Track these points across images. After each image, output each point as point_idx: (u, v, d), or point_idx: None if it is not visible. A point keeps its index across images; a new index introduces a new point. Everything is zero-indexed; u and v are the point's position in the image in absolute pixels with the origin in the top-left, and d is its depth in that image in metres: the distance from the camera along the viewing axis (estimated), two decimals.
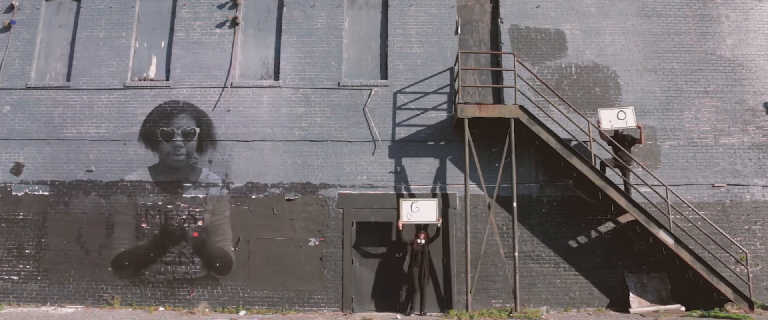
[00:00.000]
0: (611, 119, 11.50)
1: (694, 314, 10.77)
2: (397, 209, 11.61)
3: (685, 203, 11.50)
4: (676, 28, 12.82)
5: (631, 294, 11.33)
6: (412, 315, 11.08)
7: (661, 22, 12.85)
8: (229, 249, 11.79)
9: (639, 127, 11.60)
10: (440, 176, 12.04)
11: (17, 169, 12.33)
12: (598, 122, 11.60)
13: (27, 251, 11.91)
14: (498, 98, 12.55)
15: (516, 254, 10.96)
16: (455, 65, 12.35)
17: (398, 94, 12.42)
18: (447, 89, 12.42)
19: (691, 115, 12.42)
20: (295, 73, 12.56)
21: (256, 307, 11.51)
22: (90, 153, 12.31)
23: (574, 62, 12.62)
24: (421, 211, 11.22)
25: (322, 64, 12.57)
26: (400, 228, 11.26)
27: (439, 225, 11.37)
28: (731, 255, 11.46)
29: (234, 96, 12.49)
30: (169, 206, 12.03)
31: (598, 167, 11.37)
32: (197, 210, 11.99)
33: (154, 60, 12.85)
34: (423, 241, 11.09)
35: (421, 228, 11.29)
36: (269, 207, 11.95)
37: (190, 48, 12.74)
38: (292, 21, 12.80)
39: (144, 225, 11.95)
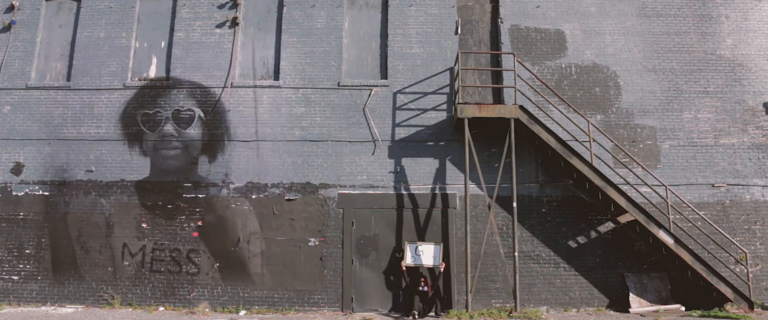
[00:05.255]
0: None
1: (694, 314, 10.78)
2: (402, 250, 11.56)
3: (685, 203, 11.51)
4: (676, 28, 12.83)
5: (631, 294, 11.33)
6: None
7: (661, 22, 12.86)
8: (229, 249, 11.79)
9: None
10: (440, 176, 12.04)
11: (17, 169, 12.34)
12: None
13: (27, 251, 11.92)
14: (498, 98, 12.55)
15: (516, 254, 10.96)
16: (455, 65, 12.36)
17: (398, 94, 12.43)
18: (447, 89, 12.42)
19: (691, 115, 12.43)
20: (295, 73, 12.56)
21: (256, 307, 11.51)
22: (90, 153, 12.32)
23: (574, 62, 12.62)
24: (424, 254, 11.15)
25: (322, 64, 12.57)
26: (403, 269, 11.17)
27: (441, 270, 11.25)
28: (731, 255, 11.47)
29: (234, 96, 12.49)
30: (169, 206, 12.03)
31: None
32: (197, 210, 11.99)
33: (154, 60, 12.85)
34: (425, 288, 10.95)
35: (421, 275, 11.12)
36: (269, 207, 11.95)
37: (190, 48, 12.74)
38: (292, 21, 12.80)
39: (144, 225, 11.95)
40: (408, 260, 11.22)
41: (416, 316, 10.68)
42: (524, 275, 11.54)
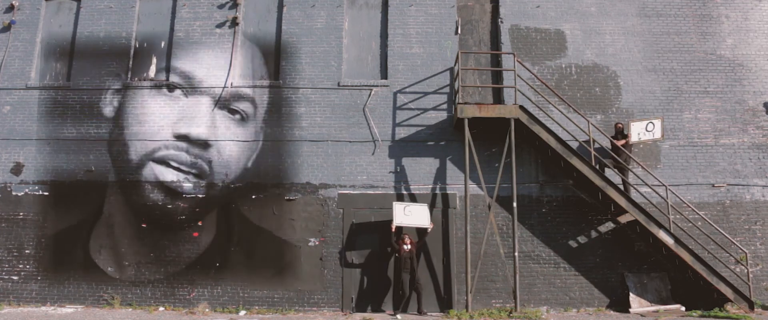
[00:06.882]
0: (640, 132, 11.68)
1: (694, 314, 10.78)
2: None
3: (685, 203, 11.50)
4: (676, 28, 12.83)
5: (631, 294, 11.33)
6: (410, 314, 11.09)
7: (661, 22, 12.86)
8: (229, 249, 11.79)
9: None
10: (440, 176, 12.04)
11: (17, 169, 12.33)
12: (628, 135, 11.73)
13: (27, 251, 11.91)
14: (498, 98, 12.55)
15: (516, 254, 10.96)
16: (455, 65, 12.35)
17: (398, 94, 12.43)
18: (447, 89, 12.42)
19: (691, 115, 12.42)
20: (294, 73, 12.56)
21: (256, 307, 11.51)
22: (90, 153, 12.32)
23: (574, 62, 12.62)
24: (414, 215, 11.18)
25: (322, 64, 12.57)
26: (393, 230, 11.22)
27: (429, 230, 11.31)
28: (731, 255, 11.46)
29: (234, 96, 12.48)
30: (169, 206, 12.02)
31: (597, 167, 11.39)
32: (197, 210, 11.99)
33: (154, 60, 12.84)
34: (409, 246, 11.01)
35: (403, 233, 11.19)
36: (269, 207, 11.95)
37: (190, 48, 12.74)
38: (292, 21, 12.80)
39: (144, 226, 11.95)
40: (397, 220, 11.10)
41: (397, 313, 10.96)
42: (524, 275, 11.54)
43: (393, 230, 11.20)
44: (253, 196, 12.01)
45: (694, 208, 11.50)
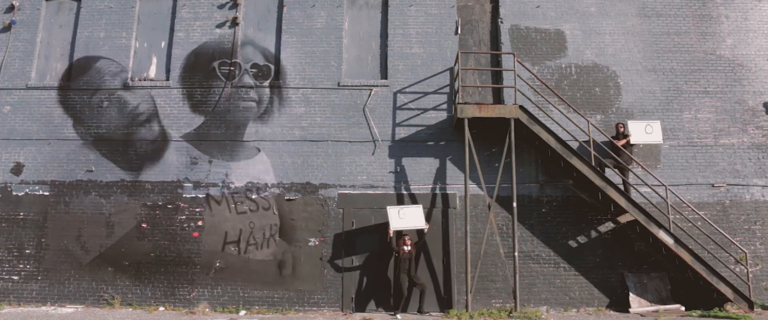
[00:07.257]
0: (639, 133, 11.69)
1: (694, 314, 10.78)
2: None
3: (685, 203, 11.51)
4: (676, 28, 12.83)
5: (631, 294, 11.33)
6: (410, 314, 11.09)
7: (661, 22, 12.86)
8: (229, 248, 11.79)
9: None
10: (440, 176, 12.04)
11: (17, 169, 12.33)
12: (628, 135, 11.72)
13: (27, 251, 11.91)
14: (498, 98, 12.55)
15: (516, 254, 10.96)
16: (455, 65, 12.36)
17: (398, 94, 12.43)
18: (447, 89, 12.42)
19: (691, 115, 12.43)
20: (295, 73, 12.56)
21: (256, 307, 11.51)
22: (90, 153, 12.32)
23: (574, 62, 12.62)
24: (408, 217, 11.15)
25: (322, 64, 12.57)
26: (391, 235, 11.22)
27: (426, 230, 11.31)
28: (731, 255, 11.47)
29: (234, 96, 12.49)
30: (169, 206, 12.03)
31: (597, 167, 11.39)
32: (197, 210, 11.99)
33: (154, 60, 12.85)
34: (409, 248, 11.04)
35: (403, 234, 11.21)
36: (269, 208, 11.95)
37: (190, 48, 12.74)
38: (292, 21, 12.80)
39: (144, 225, 11.95)
40: (393, 224, 11.09)
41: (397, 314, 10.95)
42: (524, 275, 11.54)
43: (390, 234, 11.20)
44: (254, 196, 12.01)
45: (694, 208, 11.50)
